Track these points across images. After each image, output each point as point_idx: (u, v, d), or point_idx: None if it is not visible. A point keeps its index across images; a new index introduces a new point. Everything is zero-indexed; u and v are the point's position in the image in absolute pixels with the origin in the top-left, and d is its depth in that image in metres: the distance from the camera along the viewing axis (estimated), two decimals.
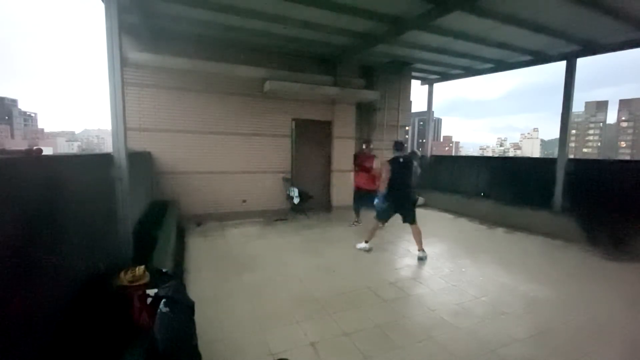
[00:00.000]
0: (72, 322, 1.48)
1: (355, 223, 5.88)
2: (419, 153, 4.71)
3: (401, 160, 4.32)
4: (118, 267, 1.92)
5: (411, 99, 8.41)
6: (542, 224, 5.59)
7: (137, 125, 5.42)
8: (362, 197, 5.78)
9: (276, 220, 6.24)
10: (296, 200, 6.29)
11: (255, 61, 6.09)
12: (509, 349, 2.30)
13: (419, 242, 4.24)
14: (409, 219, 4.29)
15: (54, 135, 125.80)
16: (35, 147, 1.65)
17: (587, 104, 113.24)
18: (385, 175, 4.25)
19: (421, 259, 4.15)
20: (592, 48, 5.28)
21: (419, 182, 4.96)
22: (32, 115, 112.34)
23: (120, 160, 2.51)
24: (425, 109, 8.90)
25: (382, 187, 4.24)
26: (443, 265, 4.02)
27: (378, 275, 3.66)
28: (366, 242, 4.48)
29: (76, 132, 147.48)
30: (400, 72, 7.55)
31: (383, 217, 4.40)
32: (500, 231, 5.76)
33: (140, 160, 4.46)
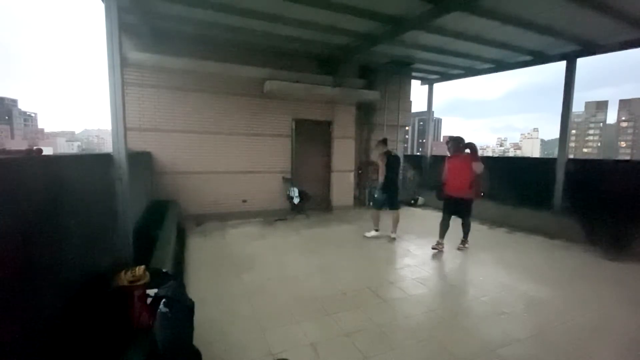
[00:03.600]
0: (71, 322, 1.48)
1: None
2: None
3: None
4: (118, 267, 1.92)
5: (411, 99, 8.42)
6: (542, 224, 5.59)
7: (137, 125, 5.42)
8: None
9: (276, 220, 6.24)
10: (296, 200, 6.30)
11: (255, 61, 6.10)
12: (509, 349, 2.30)
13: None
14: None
15: (54, 135, 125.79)
16: (35, 147, 1.65)
17: (587, 104, 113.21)
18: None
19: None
20: (592, 48, 5.28)
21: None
22: (32, 115, 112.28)
23: (120, 160, 2.51)
24: (425, 109, 8.89)
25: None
26: (443, 265, 4.02)
27: (378, 275, 3.66)
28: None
29: (76, 132, 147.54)
30: (400, 72, 7.55)
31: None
32: (500, 231, 5.76)
33: (140, 160, 4.46)
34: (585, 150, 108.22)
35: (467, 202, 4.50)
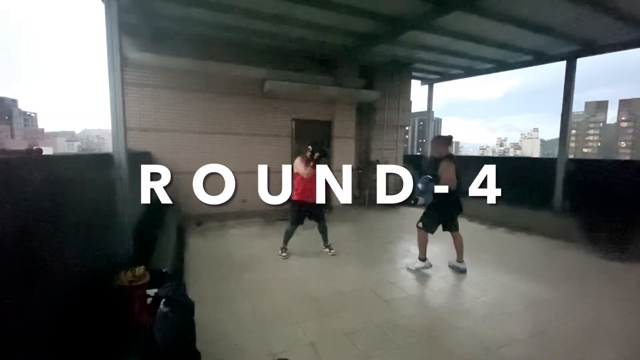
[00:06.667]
0: (72, 322, 1.48)
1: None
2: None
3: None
4: (118, 267, 1.92)
5: (411, 99, 8.42)
6: (542, 224, 5.58)
7: (137, 125, 5.41)
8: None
9: (276, 220, 6.24)
10: None
11: (255, 61, 6.09)
12: (509, 349, 2.30)
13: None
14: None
15: (54, 135, 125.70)
16: (35, 147, 1.65)
17: (587, 104, 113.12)
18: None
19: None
20: (592, 48, 5.28)
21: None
22: (32, 115, 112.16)
23: (120, 160, 2.52)
24: (425, 109, 8.89)
25: None
26: (443, 265, 4.01)
27: (378, 275, 3.65)
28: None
29: (76, 132, 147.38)
30: (400, 72, 7.55)
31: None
32: (500, 231, 5.76)
33: (140, 160, 4.46)
34: (585, 150, 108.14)
35: None
